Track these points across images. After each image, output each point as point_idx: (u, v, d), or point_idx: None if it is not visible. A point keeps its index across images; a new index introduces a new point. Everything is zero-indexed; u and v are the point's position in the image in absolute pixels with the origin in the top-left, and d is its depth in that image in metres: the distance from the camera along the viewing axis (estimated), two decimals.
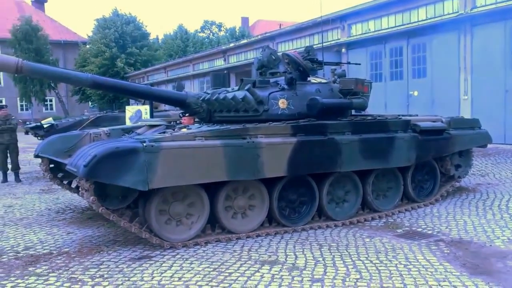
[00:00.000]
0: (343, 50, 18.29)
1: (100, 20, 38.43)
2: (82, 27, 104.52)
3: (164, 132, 5.60)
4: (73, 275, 4.21)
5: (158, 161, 4.71)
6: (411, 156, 6.64)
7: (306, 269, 4.38)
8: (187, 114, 6.68)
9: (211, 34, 52.79)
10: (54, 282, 4.05)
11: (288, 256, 4.77)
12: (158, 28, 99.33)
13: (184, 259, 4.70)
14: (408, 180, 6.89)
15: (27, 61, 5.51)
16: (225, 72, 26.78)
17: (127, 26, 37.59)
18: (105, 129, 7.13)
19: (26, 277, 4.20)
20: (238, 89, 6.27)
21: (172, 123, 6.74)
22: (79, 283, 4.01)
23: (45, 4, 50.06)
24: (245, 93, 6.00)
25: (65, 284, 3.99)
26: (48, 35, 37.15)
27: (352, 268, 4.39)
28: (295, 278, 4.13)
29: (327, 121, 6.05)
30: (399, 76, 16.34)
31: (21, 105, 41.75)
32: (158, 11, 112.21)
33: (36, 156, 6.66)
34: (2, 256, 4.93)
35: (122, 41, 36.85)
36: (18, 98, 39.20)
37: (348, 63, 9.66)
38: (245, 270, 4.34)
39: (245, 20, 56.79)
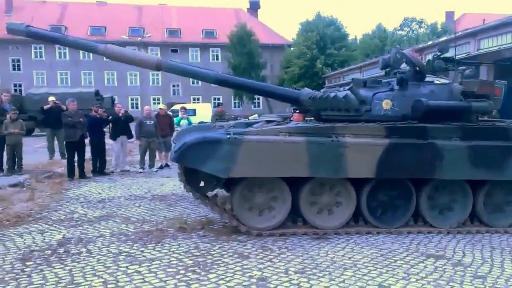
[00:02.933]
0: None
1: (304, 23, 41.17)
2: (289, 31, 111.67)
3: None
4: (264, 244, 5.24)
5: (240, 152, 5.13)
6: None
7: (471, 266, 4.56)
8: (297, 111, 6.80)
9: (410, 31, 50.77)
10: (251, 247, 5.13)
11: (456, 254, 4.97)
12: (357, 28, 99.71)
13: (356, 243, 5.31)
14: None
15: (166, 60, 6.45)
16: None
17: (328, 28, 39.34)
18: (231, 122, 7.90)
19: (230, 241, 5.36)
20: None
21: (287, 119, 6.90)
22: (269, 251, 5.01)
23: (259, 10, 55.72)
24: (347, 93, 5.95)
25: (258, 250, 5.04)
26: (259, 39, 41.53)
27: None
28: (457, 273, 4.37)
29: (432, 124, 5.68)
30: None
31: (234, 103, 47.60)
32: (358, 11, 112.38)
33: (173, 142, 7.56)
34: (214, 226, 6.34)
35: (322, 42, 38.79)
36: (232, 96, 44.76)
37: (492, 63, 8.26)
38: (410, 260, 4.73)
39: (449, 14, 52.61)
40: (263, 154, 5.22)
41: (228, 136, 5.22)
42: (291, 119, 6.75)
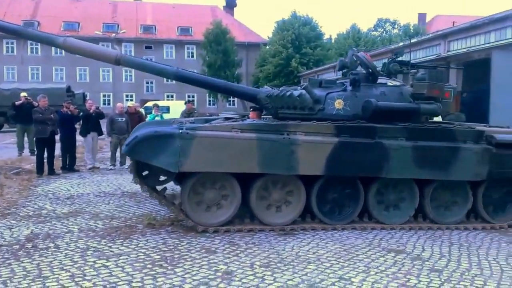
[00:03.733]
0: None
1: (280, 22, 41.37)
2: (265, 30, 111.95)
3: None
4: (232, 240, 5.36)
5: (191, 147, 5.24)
6: (480, 170, 5.98)
7: (429, 260, 4.78)
8: (252, 109, 6.98)
9: (384, 32, 51.75)
10: (218, 243, 5.23)
11: (416, 249, 5.19)
12: (332, 27, 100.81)
13: (322, 239, 5.47)
14: (479, 197, 6.25)
15: (125, 54, 6.50)
16: None
17: (303, 27, 39.66)
18: (190, 118, 8.00)
19: (198, 237, 5.46)
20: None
21: (245, 117, 7.04)
22: (236, 246, 5.13)
23: (235, 8, 55.70)
24: (302, 91, 6.13)
25: (225, 245, 5.15)
26: (235, 37, 41.55)
27: (475, 266, 4.65)
28: (415, 266, 4.58)
29: (380, 124, 5.86)
30: None
31: (209, 100, 47.49)
32: (333, 10, 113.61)
33: None
34: None
35: (298, 42, 39.06)
36: (207, 94, 44.61)
37: (449, 67, 8.65)
38: (372, 254, 4.92)
39: (422, 16, 53.95)
40: (214, 149, 5.33)
41: (180, 131, 5.29)
42: (248, 116, 6.91)
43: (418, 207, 6.16)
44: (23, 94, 13.24)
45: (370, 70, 6.41)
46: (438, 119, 11.53)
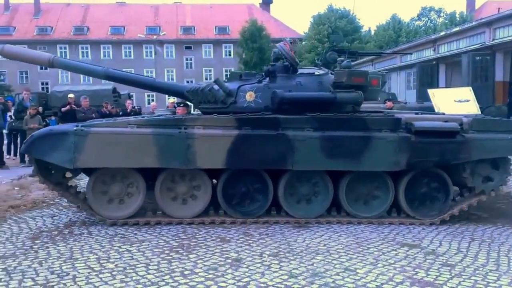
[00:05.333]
0: None
1: (316, 16, 41.03)
2: (301, 25, 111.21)
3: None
4: (247, 231, 5.52)
5: (85, 143, 5.34)
6: (398, 160, 5.65)
7: (444, 255, 4.65)
8: (182, 105, 6.95)
9: (428, 21, 50.14)
10: (234, 233, 5.43)
11: (432, 244, 5.07)
12: (371, 19, 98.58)
13: (335, 232, 5.52)
14: (401, 190, 5.90)
15: (57, 57, 6.56)
16: (433, 63, 25.55)
17: (340, 21, 39.16)
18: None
19: (216, 227, 5.64)
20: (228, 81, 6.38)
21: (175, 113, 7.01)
22: (249, 236, 5.29)
23: (271, 5, 55.74)
24: (213, 85, 6.11)
25: (240, 235, 5.33)
26: (271, 34, 41.60)
27: (493, 262, 4.48)
28: (427, 261, 4.50)
29: (286, 115, 5.71)
30: None
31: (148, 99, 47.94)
32: (372, 1, 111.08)
33: None
34: None
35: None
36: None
37: (395, 52, 8.16)
38: (384, 248, 4.91)
39: (470, 2, 51.49)
40: (110, 145, 5.42)
41: (74, 128, 5.43)
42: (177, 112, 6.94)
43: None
44: (70, 95, 14.04)
45: (286, 60, 6.24)
46: (475, 111, 11.17)
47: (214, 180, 5.99)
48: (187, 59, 51.89)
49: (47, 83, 49.00)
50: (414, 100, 22.14)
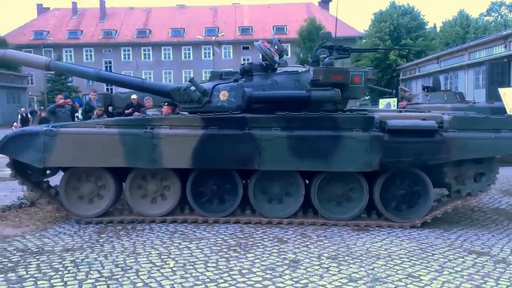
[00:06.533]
0: None
1: (377, 14, 39.90)
2: (362, 22, 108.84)
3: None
4: (304, 232, 5.47)
5: (55, 143, 5.48)
6: (370, 160, 5.40)
7: None
8: (166, 104, 6.99)
9: (499, 16, 47.39)
10: (291, 234, 5.40)
11: (503, 252, 4.80)
12: (437, 15, 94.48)
13: (397, 236, 5.33)
14: (376, 191, 5.65)
15: (53, 60, 6.69)
16: (504, 60, 24.06)
17: (403, 17, 37.83)
18: None
19: (273, 228, 5.65)
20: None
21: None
22: (307, 238, 5.23)
23: (330, 3, 54.96)
24: (188, 84, 6.06)
25: (297, 236, 5.30)
26: (330, 33, 41.00)
27: None
28: (497, 269, 4.26)
29: (254, 114, 5.61)
30: None
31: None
32: None
33: None
34: None
35: (396, 33, 37.34)
36: None
37: (392, 48, 7.44)
38: (450, 255, 4.67)
39: None
40: (78, 145, 5.56)
41: (44, 129, 5.59)
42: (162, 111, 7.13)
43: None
44: (133, 96, 14.57)
45: (263, 59, 6.14)
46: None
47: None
48: (244, 59, 52.42)
49: (111, 84, 51.50)
50: (483, 99, 20.99)
